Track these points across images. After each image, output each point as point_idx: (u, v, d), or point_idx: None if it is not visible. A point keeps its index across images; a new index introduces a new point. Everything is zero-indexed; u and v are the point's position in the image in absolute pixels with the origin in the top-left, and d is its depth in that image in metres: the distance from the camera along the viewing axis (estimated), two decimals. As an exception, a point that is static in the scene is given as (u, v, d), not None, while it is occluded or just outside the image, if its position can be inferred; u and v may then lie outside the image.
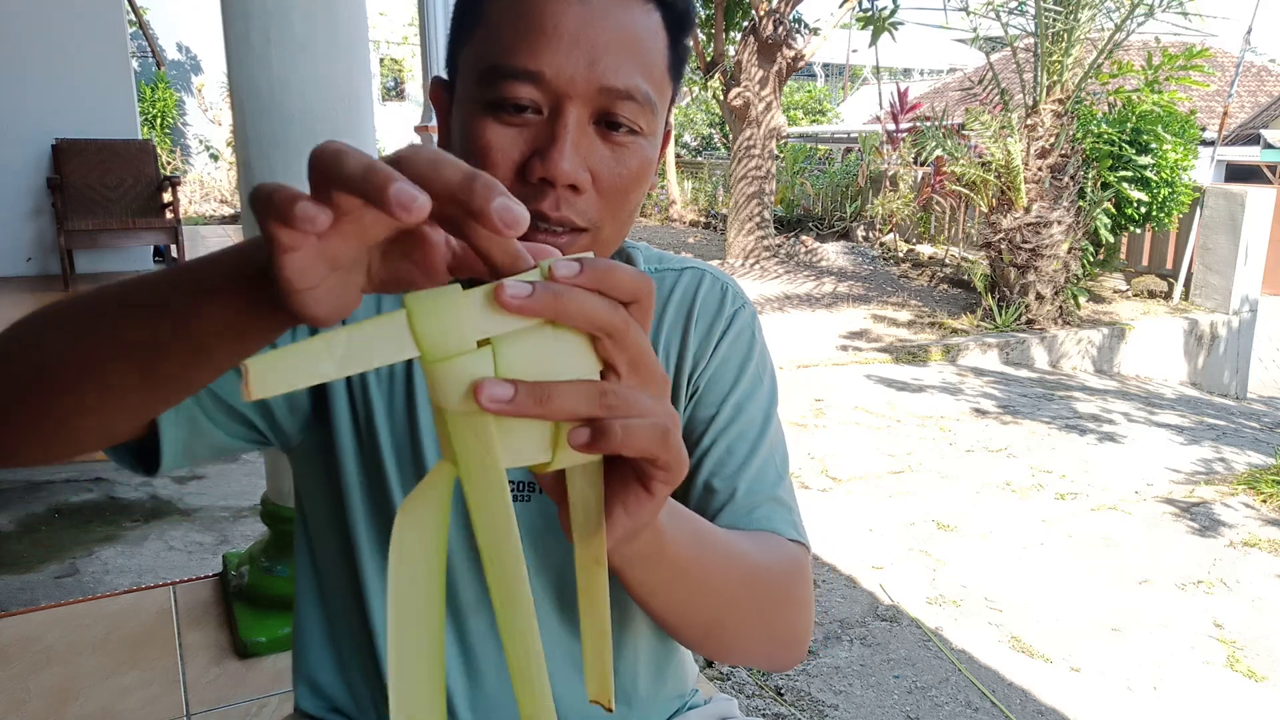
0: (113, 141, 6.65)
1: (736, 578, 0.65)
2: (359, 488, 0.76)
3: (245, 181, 1.96)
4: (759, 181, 9.03)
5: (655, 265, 0.85)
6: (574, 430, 0.41)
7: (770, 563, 0.71)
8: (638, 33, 0.66)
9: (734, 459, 0.78)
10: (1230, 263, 7.37)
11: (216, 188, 13.36)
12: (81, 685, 1.93)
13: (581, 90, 0.63)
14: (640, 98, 0.65)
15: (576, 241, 0.67)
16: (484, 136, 0.65)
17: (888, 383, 5.55)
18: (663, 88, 0.69)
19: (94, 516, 3.12)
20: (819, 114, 20.38)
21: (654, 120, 0.68)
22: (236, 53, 1.86)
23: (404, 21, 15.43)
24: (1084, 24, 6.45)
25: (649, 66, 0.67)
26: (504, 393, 0.38)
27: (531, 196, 0.64)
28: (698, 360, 0.81)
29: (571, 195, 0.65)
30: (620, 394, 0.42)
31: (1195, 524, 3.59)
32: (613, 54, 0.64)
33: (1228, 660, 2.63)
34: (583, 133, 0.65)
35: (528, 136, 0.65)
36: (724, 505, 0.76)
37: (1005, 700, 2.37)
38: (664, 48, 0.68)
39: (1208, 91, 10.98)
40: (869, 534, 3.40)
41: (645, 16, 0.66)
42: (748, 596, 0.68)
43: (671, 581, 0.59)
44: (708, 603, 0.63)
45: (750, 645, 0.72)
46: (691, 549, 0.59)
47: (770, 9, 8.54)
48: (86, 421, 0.54)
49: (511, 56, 0.64)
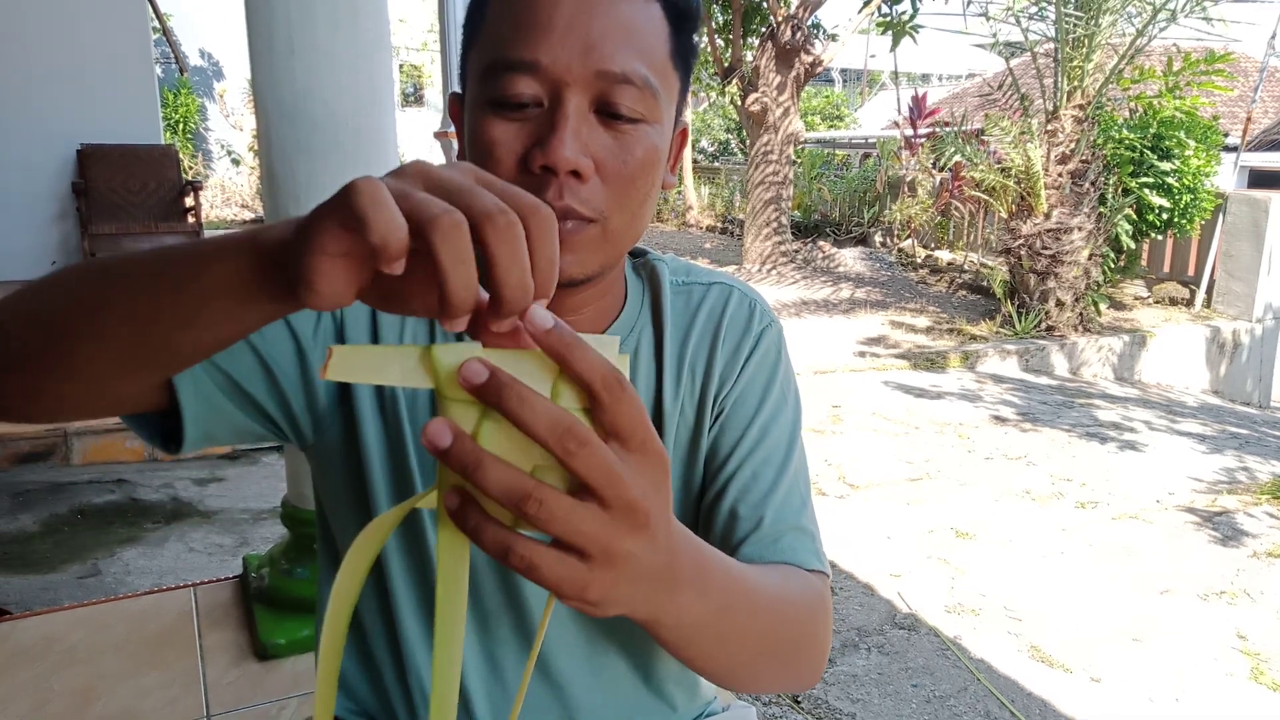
0: (136, 147, 6.73)
1: (762, 629, 0.64)
2: (385, 489, 0.76)
3: (268, 186, 1.98)
4: (776, 187, 9.02)
5: (683, 278, 0.84)
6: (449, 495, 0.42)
7: (796, 605, 0.70)
8: (635, 20, 0.66)
9: (760, 485, 0.77)
10: (1253, 270, 7.29)
11: (238, 192, 13.47)
12: (103, 685, 1.95)
13: (578, 76, 0.64)
14: (639, 82, 0.65)
15: (584, 231, 0.66)
16: (488, 133, 0.66)
17: (906, 389, 5.52)
18: (666, 76, 0.69)
19: (116, 518, 3.15)
20: (837, 119, 20.33)
21: (657, 108, 0.68)
22: (261, 59, 1.88)
23: (424, 28, 15.53)
24: (1105, 29, 6.40)
25: (648, 53, 0.67)
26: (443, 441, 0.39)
27: (534, 187, 0.64)
28: (724, 380, 0.80)
29: (575, 183, 0.65)
30: (548, 506, 0.40)
31: (1217, 534, 3.55)
32: (609, 40, 0.64)
33: (1251, 672, 2.60)
34: (583, 120, 0.65)
35: (529, 130, 0.65)
36: (749, 534, 0.75)
37: (1025, 710, 2.35)
38: (665, 37, 0.68)
39: (1231, 97, 10.87)
40: (887, 541, 3.39)
41: (643, 6, 0.67)
42: (772, 643, 0.66)
43: (697, 640, 0.58)
44: (731, 652, 0.62)
45: (768, 684, 0.71)
46: (718, 614, 0.57)
47: (788, 14, 8.54)
48: (81, 377, 0.55)
49: (509, 49, 0.65)
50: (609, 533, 0.42)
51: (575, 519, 0.41)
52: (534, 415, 0.39)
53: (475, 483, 0.40)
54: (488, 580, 0.77)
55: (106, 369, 0.54)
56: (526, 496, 0.39)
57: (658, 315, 0.81)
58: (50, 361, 0.54)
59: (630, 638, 0.81)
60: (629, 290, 0.81)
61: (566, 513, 0.40)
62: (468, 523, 0.41)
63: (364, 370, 0.41)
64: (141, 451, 3.64)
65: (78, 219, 6.47)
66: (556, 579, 0.42)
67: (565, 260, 0.66)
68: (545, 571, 0.41)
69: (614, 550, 0.42)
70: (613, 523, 0.42)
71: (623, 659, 0.82)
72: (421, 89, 16.55)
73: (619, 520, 0.42)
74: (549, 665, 0.79)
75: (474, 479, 0.40)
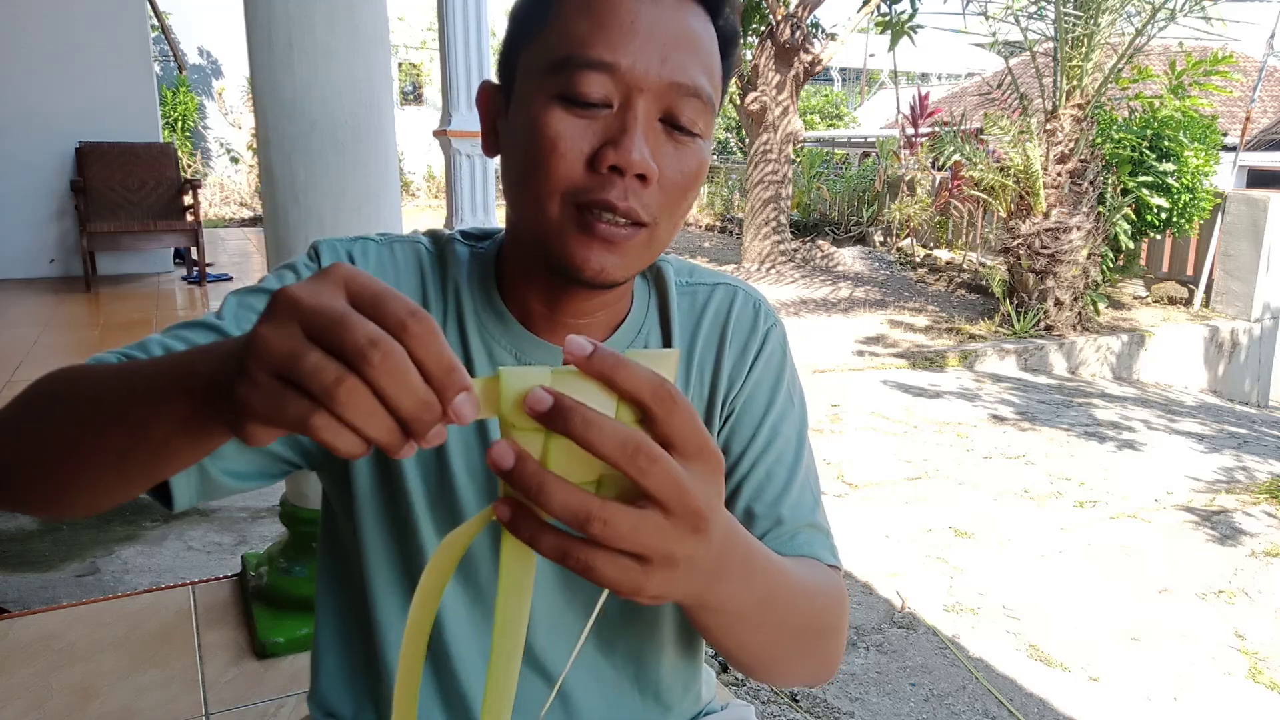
0: (135, 145, 6.73)
1: (795, 620, 0.65)
2: (421, 492, 0.76)
3: (267, 184, 1.98)
4: (775, 186, 9.02)
5: (686, 279, 0.84)
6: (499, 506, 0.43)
7: (825, 596, 0.71)
8: (702, 37, 0.68)
9: (774, 484, 0.78)
10: (1252, 269, 7.29)
11: (236, 191, 13.47)
12: (102, 683, 1.95)
13: (654, 84, 0.65)
14: (705, 97, 0.67)
15: (636, 235, 0.67)
16: (553, 126, 0.65)
17: (905, 388, 5.52)
18: (717, 94, 0.70)
19: (114, 516, 3.14)
20: (836, 118, 20.33)
21: (710, 124, 0.69)
22: (259, 57, 1.88)
23: (423, 26, 15.51)
24: (1104, 29, 6.40)
25: (710, 70, 0.68)
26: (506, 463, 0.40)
27: (600, 186, 0.65)
28: (733, 382, 0.81)
29: (639, 186, 0.65)
30: (613, 525, 0.41)
31: (1216, 533, 3.55)
32: (682, 52, 0.66)
33: (1249, 671, 2.60)
34: (650, 126, 0.66)
35: (597, 129, 0.65)
36: (767, 532, 0.76)
37: (1023, 709, 2.36)
38: (718, 57, 0.70)
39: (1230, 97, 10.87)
40: (885, 540, 3.39)
41: (705, 24, 0.69)
42: (803, 633, 0.68)
43: (736, 626, 0.60)
44: (765, 640, 0.64)
45: (796, 673, 0.73)
46: (759, 605, 0.58)
47: (788, 14, 8.54)
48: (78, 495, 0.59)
49: (587, 48, 0.65)
50: (671, 540, 0.43)
51: (639, 534, 0.42)
52: (601, 437, 0.40)
53: (539, 505, 0.41)
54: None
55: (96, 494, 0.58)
56: (590, 519, 0.40)
57: (665, 317, 0.81)
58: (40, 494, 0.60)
59: (632, 643, 0.81)
60: (635, 292, 0.81)
61: (631, 530, 0.41)
62: (523, 532, 0.42)
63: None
64: (140, 450, 3.63)
65: (76, 217, 6.47)
66: (615, 580, 0.43)
67: (611, 262, 0.67)
68: (603, 572, 0.42)
69: (675, 555, 0.43)
70: (675, 530, 0.43)
71: (624, 664, 0.82)
72: (420, 87, 16.54)
73: (681, 527, 0.43)
74: (545, 667, 0.78)
75: (538, 501, 0.40)
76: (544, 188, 0.66)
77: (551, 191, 0.66)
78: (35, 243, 6.74)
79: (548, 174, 0.66)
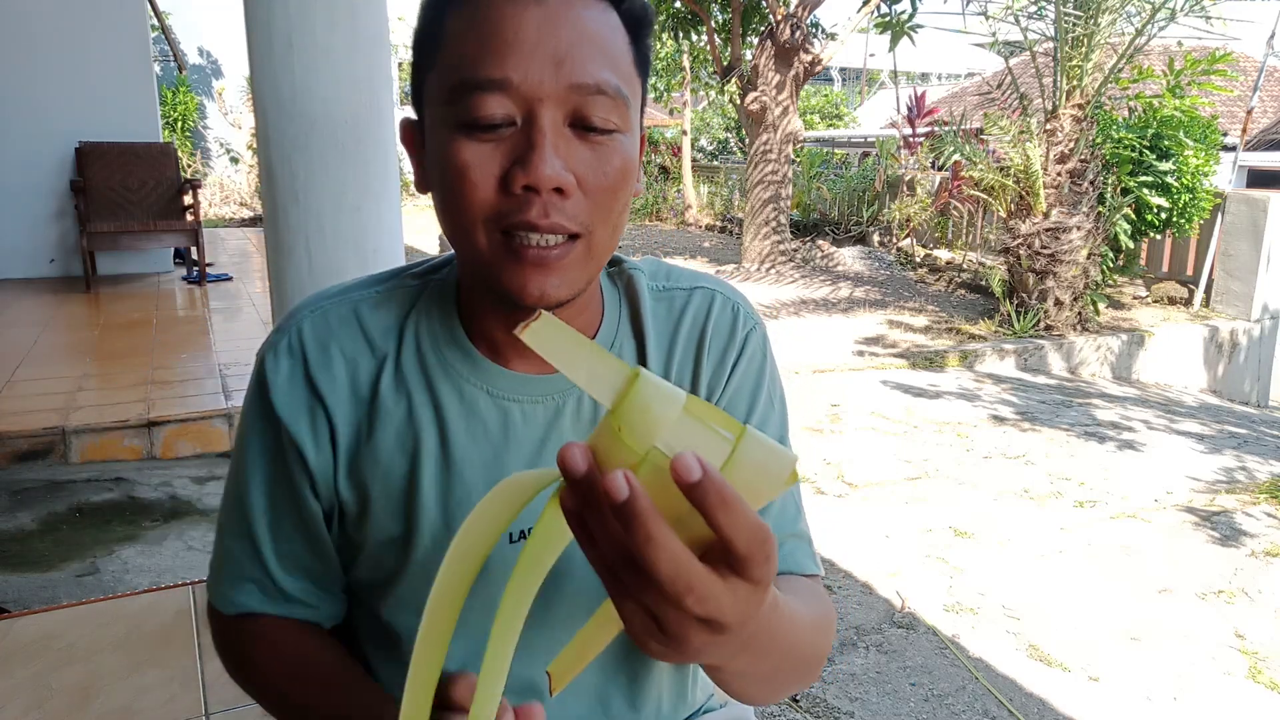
0: (134, 144, 6.72)
1: (798, 664, 0.65)
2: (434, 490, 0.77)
3: (267, 184, 1.98)
4: (775, 186, 9.02)
5: (663, 283, 0.83)
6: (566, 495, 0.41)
7: (824, 632, 0.71)
8: (599, 29, 0.65)
9: None
10: (1252, 269, 7.29)
11: (236, 190, 13.46)
12: (102, 683, 1.95)
13: (551, 91, 0.63)
14: (612, 92, 0.64)
15: (571, 251, 0.66)
16: (460, 156, 0.64)
17: (904, 388, 5.52)
18: (632, 84, 0.68)
19: (114, 516, 3.14)
20: (836, 118, 20.34)
21: (628, 116, 0.67)
22: (259, 57, 1.88)
23: (422, 26, 15.50)
24: (1104, 29, 6.40)
25: (615, 61, 0.66)
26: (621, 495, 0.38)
27: (518, 208, 0.63)
28: (711, 389, 0.80)
29: (558, 199, 0.64)
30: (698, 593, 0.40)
31: (1216, 533, 3.55)
32: (577, 52, 0.63)
33: (1249, 671, 2.60)
34: (560, 135, 0.64)
35: (505, 150, 0.64)
36: None
37: (1023, 709, 2.36)
38: (626, 45, 0.68)
39: (1230, 97, 10.88)
40: (885, 540, 3.39)
41: (603, 14, 0.66)
42: (802, 669, 0.67)
43: (742, 681, 0.61)
44: (768, 686, 0.65)
45: (785, 691, 0.73)
46: (772, 670, 0.58)
47: (788, 13, 8.54)
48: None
49: (477, 68, 0.63)
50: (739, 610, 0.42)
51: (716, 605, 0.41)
52: (734, 526, 0.38)
53: (641, 555, 0.38)
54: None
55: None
56: (690, 590, 0.39)
57: (638, 326, 0.80)
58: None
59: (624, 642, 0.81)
60: (605, 302, 0.79)
61: (715, 599, 0.41)
62: (583, 529, 0.41)
63: (556, 350, 0.41)
64: (140, 450, 3.64)
65: (76, 216, 6.47)
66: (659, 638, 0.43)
67: (550, 284, 0.65)
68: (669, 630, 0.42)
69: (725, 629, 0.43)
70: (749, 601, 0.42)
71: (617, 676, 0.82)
72: (420, 87, 16.52)
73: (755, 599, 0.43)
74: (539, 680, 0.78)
75: (641, 550, 0.38)
76: (466, 219, 0.65)
77: (474, 221, 0.65)
78: (35, 242, 6.74)
79: (466, 205, 0.64)
